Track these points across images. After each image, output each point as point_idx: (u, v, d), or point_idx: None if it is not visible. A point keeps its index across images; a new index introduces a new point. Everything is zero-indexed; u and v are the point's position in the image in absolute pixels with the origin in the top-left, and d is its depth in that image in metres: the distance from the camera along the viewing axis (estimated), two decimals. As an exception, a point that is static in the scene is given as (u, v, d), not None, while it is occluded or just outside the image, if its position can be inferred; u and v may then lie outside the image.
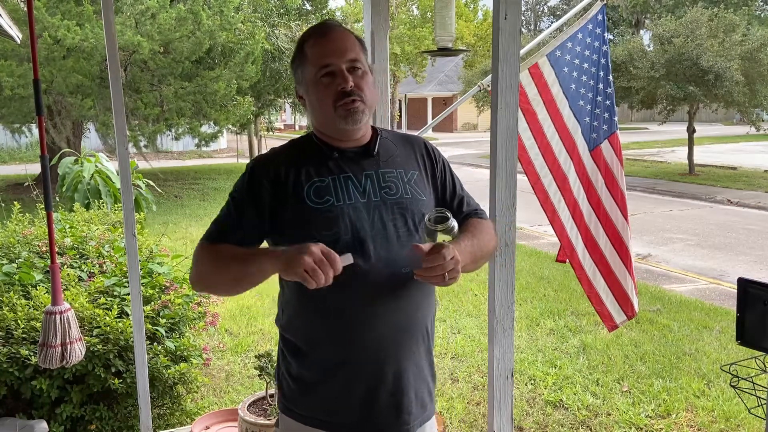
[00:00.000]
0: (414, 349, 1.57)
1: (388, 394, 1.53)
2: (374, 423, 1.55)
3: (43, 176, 2.59)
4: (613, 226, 3.30)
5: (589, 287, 3.32)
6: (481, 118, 30.39)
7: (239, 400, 3.71)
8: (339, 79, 1.51)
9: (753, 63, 14.34)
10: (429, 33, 20.73)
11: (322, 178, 1.53)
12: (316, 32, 1.58)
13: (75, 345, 2.58)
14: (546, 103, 3.24)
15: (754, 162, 17.78)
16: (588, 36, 3.31)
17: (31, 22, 2.54)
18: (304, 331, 1.56)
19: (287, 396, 1.60)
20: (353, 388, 1.53)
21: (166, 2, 11.76)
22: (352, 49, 1.54)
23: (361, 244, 1.48)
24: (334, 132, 1.56)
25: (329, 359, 1.53)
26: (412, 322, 1.55)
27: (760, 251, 8.27)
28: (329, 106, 1.52)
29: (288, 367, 1.60)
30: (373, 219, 1.51)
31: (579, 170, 3.29)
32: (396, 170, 1.59)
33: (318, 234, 1.47)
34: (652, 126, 29.92)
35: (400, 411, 1.55)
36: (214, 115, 13.11)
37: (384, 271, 1.48)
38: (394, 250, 1.51)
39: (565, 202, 3.26)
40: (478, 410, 3.83)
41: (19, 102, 11.32)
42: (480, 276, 6.59)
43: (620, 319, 3.37)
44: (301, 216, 1.50)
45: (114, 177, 6.62)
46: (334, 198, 1.51)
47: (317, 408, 1.55)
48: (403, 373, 1.55)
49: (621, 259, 3.31)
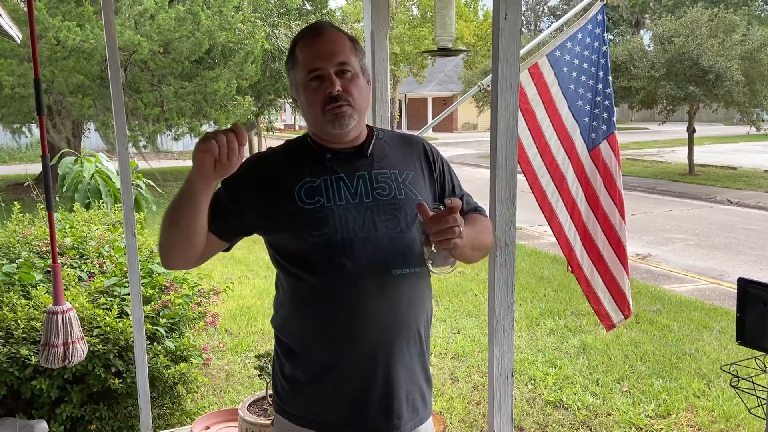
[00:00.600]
0: (405, 351, 1.56)
1: (378, 396, 1.53)
2: (365, 425, 1.54)
3: (44, 176, 2.59)
4: (611, 226, 3.31)
5: (587, 286, 3.33)
6: (481, 118, 30.39)
7: (239, 400, 3.72)
8: (327, 83, 1.50)
9: (753, 63, 14.35)
10: (429, 33, 20.73)
11: (314, 178, 1.53)
12: (306, 34, 1.58)
13: (77, 344, 2.58)
14: (545, 103, 3.25)
15: (754, 162, 17.77)
16: (587, 36, 3.32)
17: (31, 22, 2.54)
18: (297, 332, 1.57)
19: (281, 396, 1.61)
20: (344, 390, 1.53)
21: (164, 3, 11.75)
22: (342, 52, 1.53)
23: (350, 245, 1.48)
24: (324, 134, 1.56)
25: (320, 360, 1.53)
26: (403, 324, 1.54)
27: (760, 251, 8.28)
28: (318, 110, 1.52)
29: (281, 368, 1.60)
30: (364, 220, 1.51)
31: (577, 170, 3.30)
32: (390, 171, 1.59)
33: (307, 234, 1.47)
34: (652, 126, 29.93)
35: (390, 414, 1.55)
36: (214, 115, 13.10)
37: (374, 272, 1.48)
38: (385, 252, 1.50)
39: (563, 201, 3.27)
40: (478, 410, 3.83)
41: (19, 102, 11.32)
42: (480, 276, 6.60)
43: (617, 319, 3.37)
44: (291, 215, 1.50)
45: (114, 177, 6.62)
46: (324, 198, 1.51)
47: (309, 408, 1.56)
48: (393, 375, 1.54)
49: (618, 259, 3.32)
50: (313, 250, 1.48)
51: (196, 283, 3.79)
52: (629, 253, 3.43)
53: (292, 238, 1.51)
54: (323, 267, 1.48)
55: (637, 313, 5.64)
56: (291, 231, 1.50)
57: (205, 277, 4.13)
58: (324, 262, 1.48)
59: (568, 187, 3.28)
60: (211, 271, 5.12)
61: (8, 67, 10.79)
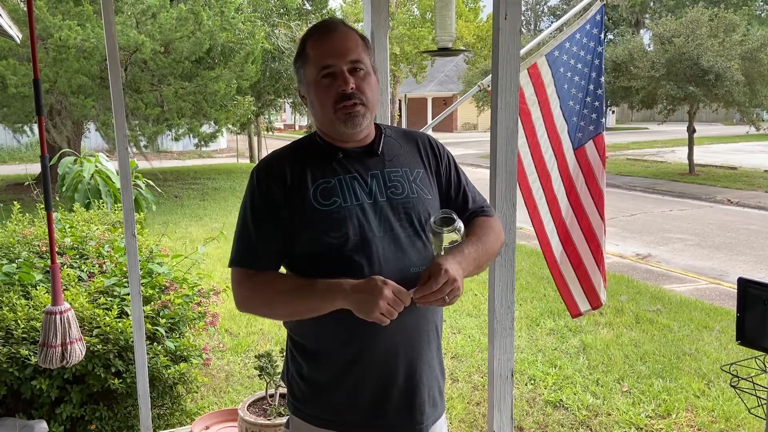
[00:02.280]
0: (425, 347, 1.56)
1: (400, 393, 1.53)
2: (387, 423, 1.54)
3: (44, 176, 2.59)
4: (588, 223, 3.40)
5: (559, 276, 3.44)
6: (481, 118, 30.39)
7: (239, 400, 3.71)
8: (339, 80, 1.48)
9: (753, 63, 14.35)
10: (429, 33, 20.72)
11: (327, 179, 1.51)
12: (318, 31, 1.55)
13: (75, 345, 2.58)
14: (540, 103, 3.28)
15: (754, 162, 17.78)
16: (585, 36, 3.33)
17: (31, 22, 2.53)
18: (315, 333, 1.54)
19: (298, 397, 1.59)
20: (365, 389, 1.52)
21: (166, 2, 11.75)
22: (354, 50, 1.51)
23: (369, 245, 1.47)
24: (335, 133, 1.54)
25: (340, 361, 1.52)
26: (422, 321, 1.54)
27: (760, 251, 8.27)
28: (329, 108, 1.50)
29: (298, 369, 1.58)
30: (380, 219, 1.50)
31: (561, 168, 3.37)
32: (401, 169, 1.58)
33: (326, 236, 1.46)
34: (652, 126, 29.94)
35: (413, 410, 1.55)
36: (214, 115, 13.11)
37: (392, 271, 1.47)
38: (401, 250, 1.50)
39: (545, 198, 3.35)
40: (478, 410, 3.83)
41: (21, 101, 11.32)
42: (480, 276, 6.56)
43: (584, 308, 3.49)
44: (308, 218, 1.48)
45: (114, 177, 6.61)
46: (341, 199, 1.49)
47: (329, 409, 1.55)
48: (415, 372, 1.54)
49: (592, 254, 3.42)
50: (331, 251, 1.47)
51: (196, 283, 3.79)
52: (629, 253, 3.47)
53: (309, 241, 1.49)
54: (341, 268, 1.46)
55: (637, 313, 5.64)
56: (308, 233, 1.48)
57: (205, 277, 4.13)
58: (342, 263, 1.46)
59: (552, 184, 3.34)
60: (211, 271, 5.12)
61: (12, 66, 10.79)
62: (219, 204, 12.44)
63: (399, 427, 1.55)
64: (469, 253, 1.48)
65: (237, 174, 17.24)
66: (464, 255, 1.47)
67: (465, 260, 1.46)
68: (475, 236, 1.55)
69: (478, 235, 1.57)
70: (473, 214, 1.65)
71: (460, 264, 1.43)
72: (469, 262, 1.48)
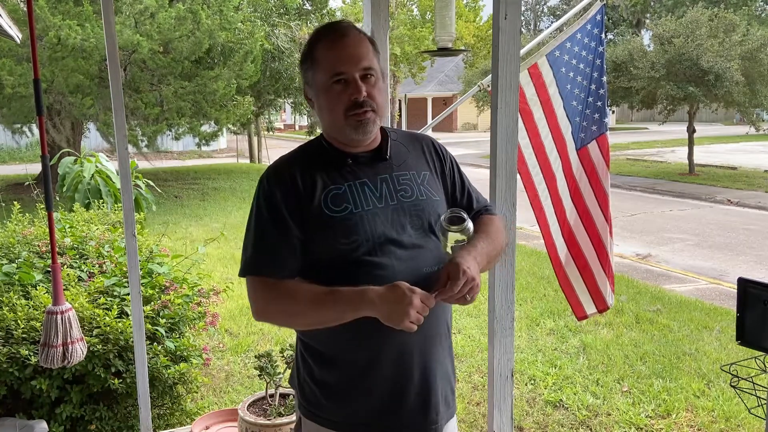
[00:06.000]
0: (438, 347, 1.57)
1: (415, 394, 1.53)
2: (402, 423, 1.54)
3: (44, 176, 2.59)
4: (593, 225, 3.38)
5: (564, 279, 3.42)
6: (481, 118, 30.37)
7: (239, 400, 3.71)
8: (352, 88, 1.48)
9: (753, 63, 14.35)
10: (429, 33, 20.72)
11: (338, 185, 1.51)
12: (329, 35, 1.53)
13: (76, 345, 2.58)
14: (542, 103, 3.26)
15: (754, 162, 17.77)
16: (585, 36, 3.32)
17: (31, 22, 2.53)
18: (328, 336, 1.52)
19: (310, 400, 1.58)
20: (381, 391, 1.52)
21: (165, 2, 11.74)
22: (366, 56, 1.50)
23: (381, 248, 1.47)
24: (344, 138, 1.54)
25: (354, 363, 1.52)
26: (435, 321, 1.54)
27: (760, 251, 8.27)
28: (340, 114, 1.49)
29: (310, 372, 1.57)
30: (392, 223, 1.50)
31: (565, 168, 3.35)
32: (409, 172, 1.59)
33: (338, 242, 1.46)
34: (652, 126, 29.93)
35: (428, 410, 1.55)
36: (214, 115, 13.09)
37: (406, 272, 1.47)
38: (414, 252, 1.50)
39: (551, 199, 3.33)
40: (478, 410, 3.83)
41: (20, 101, 11.31)
42: (480, 276, 6.59)
43: (590, 311, 3.46)
44: (319, 225, 1.48)
45: (114, 177, 6.61)
46: (352, 205, 1.49)
47: (343, 411, 1.54)
48: (429, 372, 1.55)
49: (597, 256, 3.39)
50: (345, 257, 1.47)
51: (196, 283, 3.78)
52: (629, 253, 3.46)
53: (322, 247, 1.49)
54: (356, 273, 1.45)
55: (637, 313, 5.64)
56: (320, 240, 1.48)
57: (205, 277, 4.13)
58: (356, 268, 1.46)
59: (557, 185, 3.33)
60: (211, 271, 5.12)
61: (8, 66, 10.78)
62: (219, 204, 12.43)
63: (414, 427, 1.55)
64: (482, 247, 1.51)
65: (237, 174, 17.24)
66: (478, 250, 1.48)
67: (479, 255, 1.48)
68: (484, 233, 1.57)
69: (488, 231, 1.59)
70: (478, 213, 1.67)
71: (476, 259, 1.45)
72: (483, 256, 1.50)
